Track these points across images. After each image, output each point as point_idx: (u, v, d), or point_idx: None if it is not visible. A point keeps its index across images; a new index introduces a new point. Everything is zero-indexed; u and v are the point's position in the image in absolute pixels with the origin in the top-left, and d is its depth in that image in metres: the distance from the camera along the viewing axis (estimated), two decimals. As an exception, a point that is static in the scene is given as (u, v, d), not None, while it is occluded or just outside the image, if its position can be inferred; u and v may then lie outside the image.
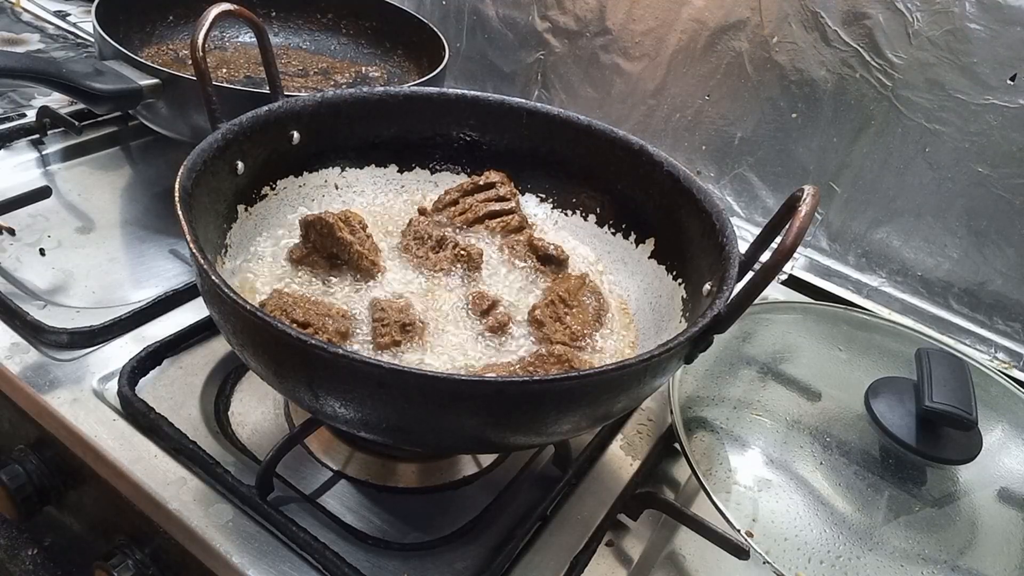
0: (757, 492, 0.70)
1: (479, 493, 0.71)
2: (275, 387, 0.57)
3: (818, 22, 1.04)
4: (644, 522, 0.72)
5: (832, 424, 0.77)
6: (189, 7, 1.20)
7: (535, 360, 0.64)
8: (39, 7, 1.54)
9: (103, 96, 0.89)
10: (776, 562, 0.62)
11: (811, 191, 0.53)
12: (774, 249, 0.52)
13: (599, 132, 0.79)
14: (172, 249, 0.97)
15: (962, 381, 0.75)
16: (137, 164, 1.15)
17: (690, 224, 0.70)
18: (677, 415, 0.75)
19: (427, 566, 0.63)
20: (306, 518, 0.65)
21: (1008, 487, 0.75)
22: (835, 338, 0.92)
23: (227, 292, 0.49)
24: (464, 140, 0.84)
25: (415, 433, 0.55)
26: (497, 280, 0.76)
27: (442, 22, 1.40)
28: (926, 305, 1.08)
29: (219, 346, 0.81)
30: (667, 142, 1.23)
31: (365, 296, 0.70)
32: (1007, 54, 0.93)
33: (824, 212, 1.12)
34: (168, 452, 0.68)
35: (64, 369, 0.75)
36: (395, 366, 0.47)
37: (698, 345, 0.58)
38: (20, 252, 0.91)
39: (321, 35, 1.31)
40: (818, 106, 1.08)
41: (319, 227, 0.70)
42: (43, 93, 1.19)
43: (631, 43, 1.22)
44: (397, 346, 0.64)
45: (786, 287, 1.11)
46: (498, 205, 0.81)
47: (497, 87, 1.40)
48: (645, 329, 0.73)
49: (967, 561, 0.67)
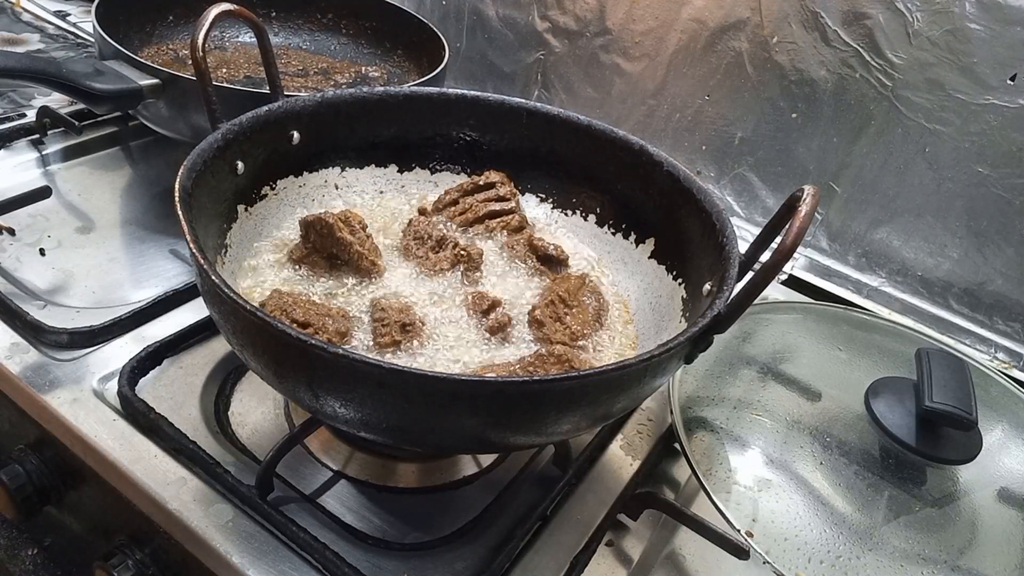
0: (757, 492, 0.70)
1: (479, 493, 0.72)
2: (275, 387, 0.57)
3: (818, 22, 1.04)
4: (644, 522, 0.72)
5: (832, 424, 0.77)
6: (189, 7, 1.20)
7: (535, 360, 0.64)
8: (39, 7, 1.54)
9: (103, 96, 0.89)
10: (776, 562, 0.62)
11: (811, 191, 0.53)
12: (774, 249, 0.52)
13: (599, 132, 0.79)
14: (172, 249, 0.97)
15: (962, 381, 0.75)
16: (137, 164, 1.15)
17: (690, 224, 0.70)
18: (677, 415, 0.75)
19: (427, 566, 0.63)
20: (306, 518, 0.65)
21: (1008, 487, 0.75)
22: (835, 338, 0.92)
23: (227, 292, 0.49)
24: (464, 140, 0.84)
25: (415, 433, 0.55)
26: (497, 280, 0.76)
27: (442, 22, 1.40)
28: (926, 305, 1.08)
29: (219, 346, 0.81)
30: (667, 142, 1.23)
31: (365, 296, 0.70)
32: (1007, 54, 0.93)
33: (824, 212, 1.12)
34: (168, 452, 0.68)
35: (64, 369, 0.75)
36: (395, 366, 0.47)
37: (698, 345, 0.58)
38: (20, 252, 0.91)
39: (321, 35, 1.31)
40: (818, 106, 1.08)
41: (319, 227, 0.70)
42: (43, 93, 1.19)
43: (631, 43, 1.22)
44: (397, 346, 0.64)
45: (786, 287, 1.11)
46: (498, 205, 0.81)
47: (497, 87, 1.40)
48: (645, 329, 0.73)
49: (967, 561, 0.67)
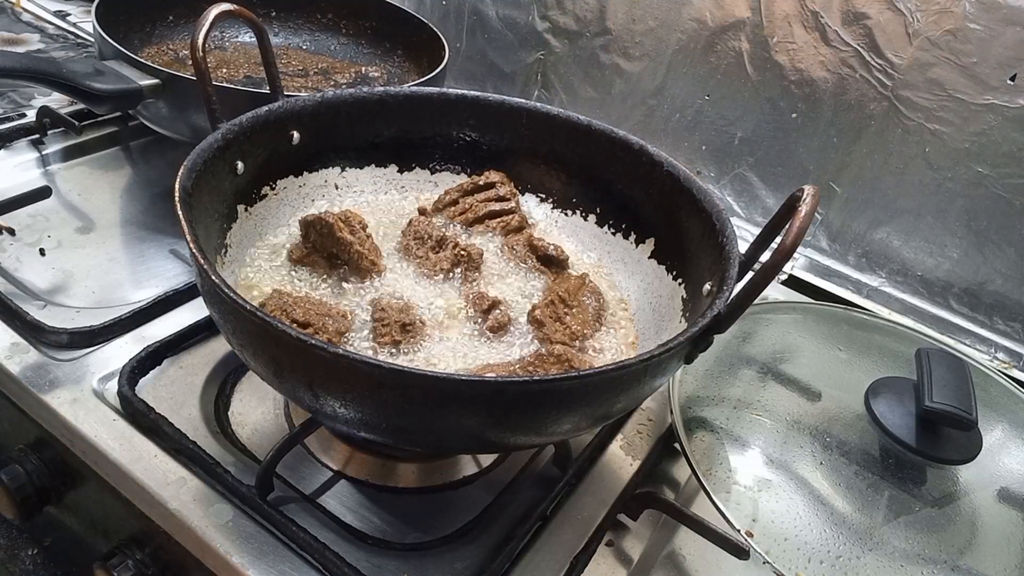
0: (757, 492, 0.70)
1: (479, 493, 0.72)
2: (275, 387, 0.57)
3: (818, 22, 1.04)
4: (644, 522, 0.72)
5: (832, 424, 0.77)
6: (189, 7, 1.20)
7: (535, 360, 0.64)
8: (39, 7, 1.54)
9: (103, 96, 0.88)
10: (776, 562, 0.62)
11: (811, 191, 0.53)
12: (774, 249, 0.52)
13: (599, 132, 0.79)
14: (172, 249, 0.97)
15: (962, 381, 0.75)
16: (137, 164, 1.15)
17: (690, 224, 0.70)
18: (677, 415, 0.75)
19: (427, 566, 0.63)
20: (306, 518, 0.65)
21: (1008, 487, 0.75)
22: (835, 338, 0.92)
23: (227, 292, 0.49)
24: (464, 140, 0.84)
25: (415, 433, 0.55)
26: (497, 280, 0.76)
27: (442, 22, 1.40)
28: (926, 305, 1.08)
29: (219, 346, 0.81)
30: (667, 142, 1.23)
31: (365, 296, 0.70)
32: (1007, 54, 0.93)
33: (824, 212, 1.12)
34: (168, 452, 0.68)
35: (64, 369, 0.75)
36: (395, 366, 0.47)
37: (698, 345, 0.58)
38: (20, 252, 0.91)
39: (321, 35, 1.31)
40: (818, 106, 1.08)
41: (319, 227, 0.70)
42: (43, 93, 1.19)
43: (631, 43, 1.22)
44: (397, 346, 0.64)
45: (786, 287, 1.11)
46: (498, 205, 0.81)
47: (497, 87, 1.40)
48: (645, 329, 0.73)
49: (967, 561, 0.67)
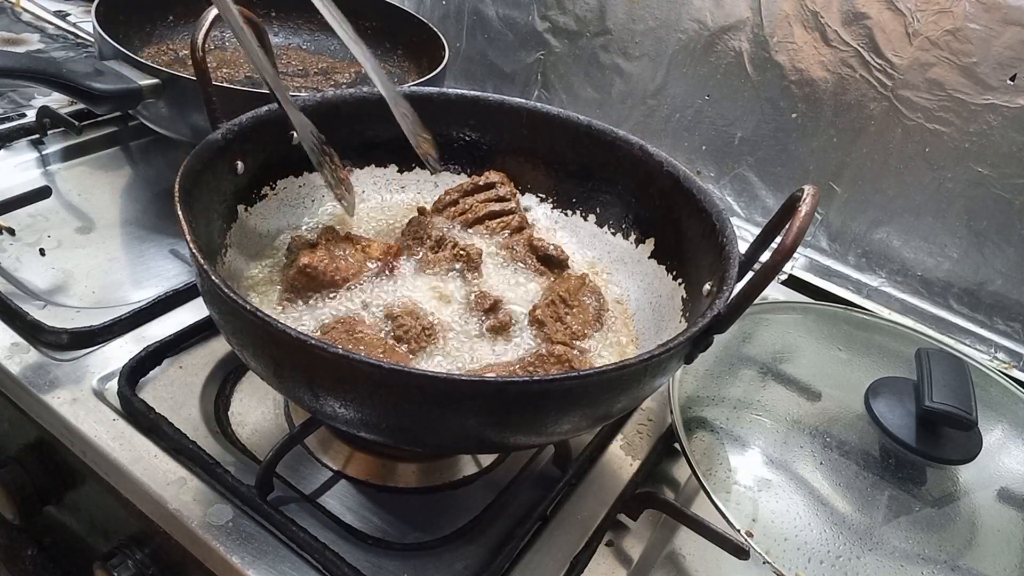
0: (757, 492, 0.70)
1: (479, 493, 0.71)
2: (275, 387, 0.57)
3: (818, 22, 1.04)
4: (644, 522, 0.72)
5: (832, 424, 0.77)
6: (189, 7, 1.20)
7: (535, 360, 0.64)
8: (39, 7, 1.54)
9: (103, 96, 0.88)
10: (776, 562, 0.62)
11: (811, 191, 0.53)
12: (774, 249, 0.52)
13: (599, 132, 0.79)
14: (172, 249, 0.97)
15: (962, 381, 0.75)
16: (137, 164, 1.15)
17: (690, 224, 0.70)
18: (677, 415, 0.75)
19: (427, 566, 0.63)
20: (306, 518, 0.65)
21: (1008, 487, 0.75)
22: (835, 338, 0.92)
23: (227, 292, 0.49)
24: (464, 140, 0.84)
25: (415, 433, 0.55)
26: (497, 280, 0.76)
27: (442, 22, 1.40)
28: (926, 305, 1.08)
29: (219, 346, 0.81)
30: (667, 142, 1.23)
31: (365, 296, 0.70)
32: (1007, 54, 0.93)
33: (824, 212, 1.12)
34: (168, 452, 0.68)
35: (64, 369, 0.75)
36: (395, 366, 0.47)
37: (698, 345, 0.58)
38: (20, 252, 0.91)
39: (321, 35, 1.31)
40: (818, 106, 1.08)
41: (306, 277, 0.68)
42: (43, 93, 1.19)
43: (631, 43, 1.22)
44: (425, 350, 0.65)
45: (786, 287, 1.11)
46: (498, 205, 0.81)
47: (497, 87, 1.40)
48: (645, 329, 0.73)
49: (967, 561, 0.67)
